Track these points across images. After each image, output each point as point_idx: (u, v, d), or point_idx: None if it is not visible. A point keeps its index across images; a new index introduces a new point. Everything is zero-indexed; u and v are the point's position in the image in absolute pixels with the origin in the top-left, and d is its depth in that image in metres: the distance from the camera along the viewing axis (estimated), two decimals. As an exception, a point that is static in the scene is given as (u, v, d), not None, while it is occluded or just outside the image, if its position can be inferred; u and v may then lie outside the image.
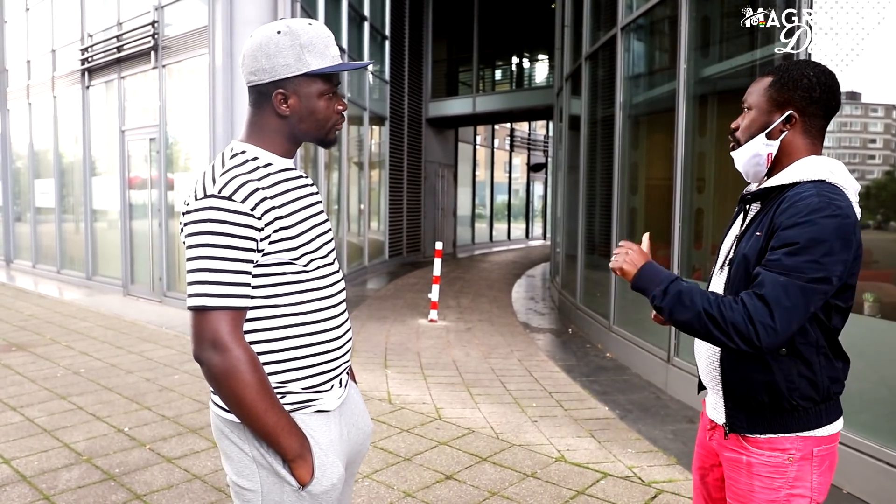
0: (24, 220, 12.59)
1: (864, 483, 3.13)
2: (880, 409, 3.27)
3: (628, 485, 3.26)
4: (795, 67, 1.48)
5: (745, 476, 1.48)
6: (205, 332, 1.27)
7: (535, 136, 22.21)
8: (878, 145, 3.68)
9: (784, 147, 1.49)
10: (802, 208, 1.36)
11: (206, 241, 1.27)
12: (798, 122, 1.48)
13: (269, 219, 1.31)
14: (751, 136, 1.52)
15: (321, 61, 1.36)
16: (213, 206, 1.27)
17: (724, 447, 1.54)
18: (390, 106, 13.38)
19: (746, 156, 1.53)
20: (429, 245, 14.93)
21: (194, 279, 1.28)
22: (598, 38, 6.82)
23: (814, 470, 1.45)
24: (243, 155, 1.38)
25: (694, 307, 1.38)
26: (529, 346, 6.37)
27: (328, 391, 1.44)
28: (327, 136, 1.44)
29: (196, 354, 1.29)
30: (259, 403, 1.29)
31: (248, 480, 1.38)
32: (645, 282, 1.49)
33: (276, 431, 1.31)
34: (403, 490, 3.17)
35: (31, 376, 5.08)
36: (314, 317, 1.39)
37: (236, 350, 1.28)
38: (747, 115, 1.53)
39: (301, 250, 1.36)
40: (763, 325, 1.31)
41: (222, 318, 1.27)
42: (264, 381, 1.31)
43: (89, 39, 9.82)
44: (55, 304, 8.68)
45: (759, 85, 1.52)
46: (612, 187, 6.18)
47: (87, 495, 3.09)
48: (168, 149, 8.77)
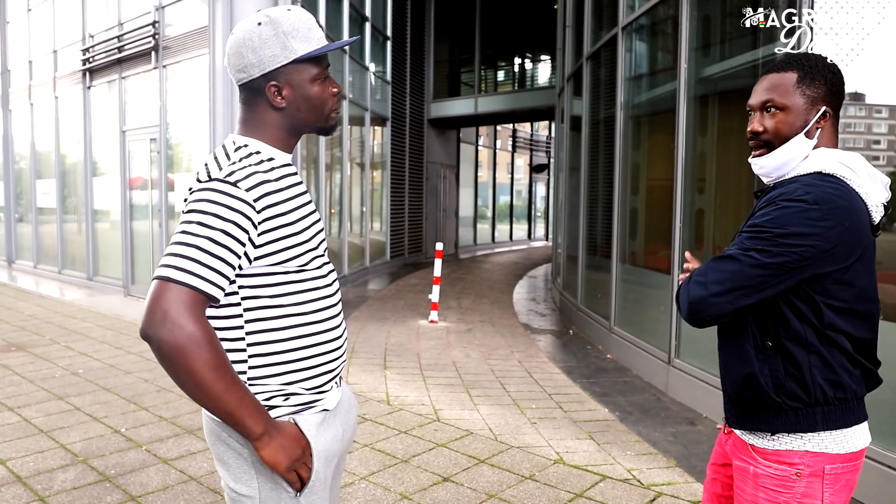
0: (25, 221, 12.60)
1: (865, 487, 3.08)
2: (882, 412, 3.23)
3: (627, 487, 3.23)
4: (815, 60, 1.43)
5: (750, 486, 1.45)
6: (158, 303, 1.16)
7: (538, 137, 22.20)
8: (883, 146, 3.65)
9: None
10: (778, 194, 1.36)
11: (198, 219, 1.21)
12: (830, 118, 1.43)
13: (271, 214, 1.27)
14: (786, 137, 1.43)
15: (307, 45, 1.33)
16: (216, 188, 1.23)
17: (735, 454, 1.52)
18: (392, 106, 13.37)
19: (783, 159, 1.44)
20: (430, 246, 14.91)
21: (170, 251, 1.20)
22: (600, 38, 6.80)
23: (826, 489, 1.39)
24: (247, 148, 1.34)
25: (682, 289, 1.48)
26: (530, 348, 6.34)
27: (329, 391, 1.41)
28: (327, 121, 1.41)
29: (143, 330, 1.16)
30: (219, 382, 1.18)
31: (247, 486, 1.33)
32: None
33: (241, 410, 1.22)
34: (400, 492, 3.15)
35: (29, 377, 5.07)
36: (318, 316, 1.36)
37: (189, 326, 1.16)
38: (776, 115, 1.44)
39: (304, 247, 1.33)
40: (696, 283, 1.38)
41: (182, 294, 1.17)
42: (223, 358, 1.21)
43: (90, 40, 9.83)
44: (55, 305, 8.68)
45: (784, 81, 1.43)
46: (612, 188, 6.15)
47: (81, 496, 3.07)
48: (169, 149, 8.77)
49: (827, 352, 1.38)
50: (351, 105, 10.64)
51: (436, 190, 15.98)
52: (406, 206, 14.34)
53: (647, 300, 5.73)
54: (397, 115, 13.75)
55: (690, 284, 1.40)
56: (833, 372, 1.38)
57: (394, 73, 13.48)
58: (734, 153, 4.38)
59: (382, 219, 13.28)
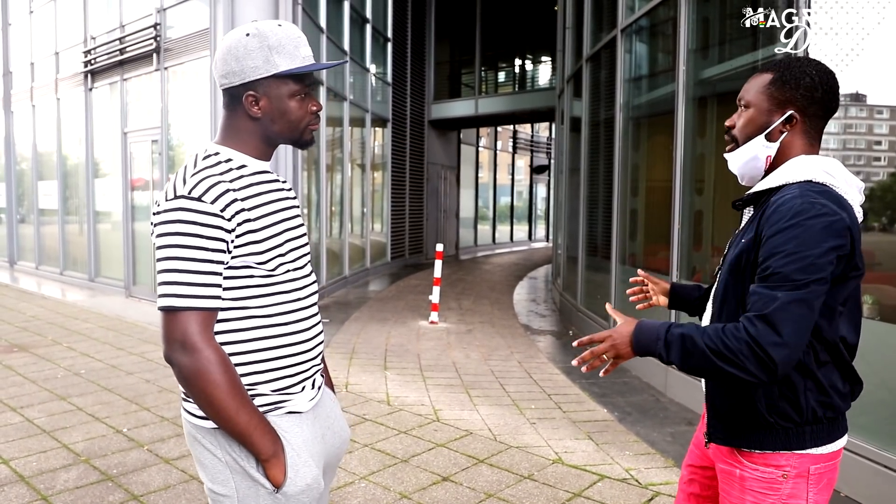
0: (27, 222, 12.64)
1: (863, 487, 3.11)
2: (880, 413, 3.25)
3: (625, 487, 3.25)
4: (796, 65, 1.41)
5: (737, 490, 1.45)
6: (174, 332, 1.27)
7: (538, 138, 22.22)
8: (884, 147, 3.66)
9: (782, 148, 1.42)
10: (786, 213, 1.30)
11: (175, 241, 1.27)
12: (798, 123, 1.41)
13: (239, 220, 1.31)
14: (748, 136, 1.45)
15: (290, 62, 1.36)
16: (182, 206, 1.27)
17: (719, 458, 1.51)
18: (392, 108, 13.40)
19: (744, 158, 1.46)
20: (431, 247, 14.94)
21: (164, 279, 1.28)
22: (599, 39, 6.82)
23: (810, 488, 1.40)
24: (216, 156, 1.38)
25: (697, 348, 1.29)
26: (530, 348, 6.36)
27: (299, 393, 1.44)
28: (301, 136, 1.44)
29: (166, 355, 1.29)
30: (230, 403, 1.28)
31: (223, 486, 1.37)
32: (644, 345, 1.38)
33: (249, 431, 1.31)
34: (399, 491, 3.16)
35: (31, 377, 5.10)
36: (282, 319, 1.39)
37: (206, 350, 1.27)
38: (744, 113, 1.46)
39: (269, 254, 1.35)
40: (773, 346, 1.24)
41: (191, 319, 1.27)
42: (235, 380, 1.31)
43: (92, 42, 9.87)
44: (57, 306, 8.70)
45: (757, 81, 1.44)
46: (612, 189, 6.17)
47: (84, 496, 3.09)
48: (170, 150, 8.80)
49: (822, 375, 1.38)
50: (352, 106, 10.67)
51: (436, 191, 16.00)
52: (407, 208, 14.36)
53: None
54: (398, 116, 13.77)
55: (766, 348, 1.25)
56: (825, 394, 1.39)
57: (394, 74, 13.51)
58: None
59: (383, 220, 13.30)
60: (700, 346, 1.29)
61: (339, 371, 5.33)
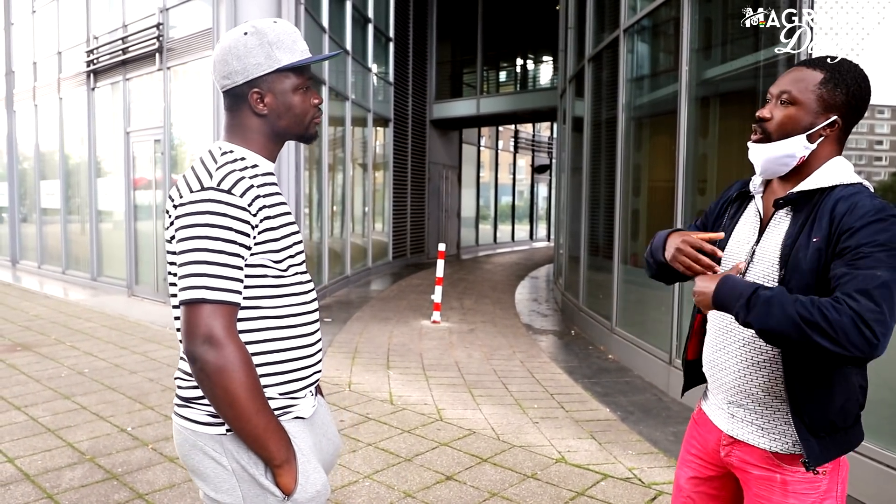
0: (30, 221, 12.66)
1: (865, 486, 3.12)
2: (882, 412, 3.26)
3: (628, 486, 3.26)
4: (848, 70, 1.39)
5: (778, 494, 1.43)
6: (199, 326, 1.22)
7: (540, 138, 22.23)
8: (885, 147, 3.66)
9: (816, 150, 1.41)
10: (869, 208, 1.30)
11: (205, 233, 1.24)
12: (837, 129, 1.39)
13: (262, 217, 1.31)
14: (786, 133, 1.40)
15: (291, 56, 1.37)
16: (212, 198, 1.25)
17: (752, 464, 1.47)
18: (394, 107, 13.41)
19: (777, 153, 1.42)
20: (432, 246, 14.96)
21: (191, 271, 1.24)
22: (601, 39, 6.83)
23: (840, 481, 1.43)
24: (232, 154, 1.37)
25: (787, 315, 1.23)
26: (532, 348, 6.37)
27: (303, 398, 1.43)
28: (307, 130, 1.44)
29: (188, 350, 1.23)
30: (251, 404, 1.24)
31: (229, 495, 1.32)
32: (723, 301, 1.34)
33: (266, 435, 1.27)
34: (403, 490, 3.18)
35: (35, 376, 5.11)
36: (293, 321, 1.38)
37: (231, 346, 1.23)
38: (788, 108, 1.40)
39: (283, 254, 1.36)
40: (877, 322, 1.19)
41: (218, 313, 1.23)
42: (257, 381, 1.27)
43: (95, 41, 9.88)
44: (60, 305, 8.72)
45: (807, 78, 1.39)
46: (614, 189, 6.18)
47: (89, 494, 3.11)
48: (173, 150, 8.81)
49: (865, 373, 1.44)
50: (353, 106, 10.68)
51: (438, 190, 16.02)
52: (408, 207, 14.37)
53: (649, 301, 5.75)
54: (400, 115, 13.78)
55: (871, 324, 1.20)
56: (864, 393, 1.45)
57: (396, 74, 13.52)
58: (735, 155, 4.41)
59: (385, 219, 13.32)
60: (790, 313, 1.23)
61: (341, 370, 5.35)
